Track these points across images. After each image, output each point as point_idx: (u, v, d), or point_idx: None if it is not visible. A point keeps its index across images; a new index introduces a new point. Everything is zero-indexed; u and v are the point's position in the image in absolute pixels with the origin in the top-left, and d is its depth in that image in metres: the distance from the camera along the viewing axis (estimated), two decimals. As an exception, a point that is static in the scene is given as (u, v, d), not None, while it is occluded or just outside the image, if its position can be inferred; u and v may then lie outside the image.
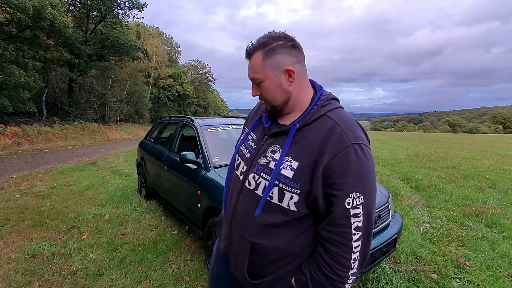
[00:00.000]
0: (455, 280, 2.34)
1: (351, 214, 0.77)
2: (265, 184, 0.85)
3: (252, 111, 1.14)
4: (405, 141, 16.71)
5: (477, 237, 3.12)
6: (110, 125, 19.88)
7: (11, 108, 10.86)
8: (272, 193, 0.83)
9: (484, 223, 3.55)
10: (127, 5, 16.99)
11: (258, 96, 0.91)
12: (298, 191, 0.80)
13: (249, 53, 0.86)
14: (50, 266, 2.43)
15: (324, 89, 0.91)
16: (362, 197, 0.77)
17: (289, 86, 0.85)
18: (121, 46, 16.70)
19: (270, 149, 0.88)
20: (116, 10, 17.12)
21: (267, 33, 0.86)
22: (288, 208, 0.83)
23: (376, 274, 2.35)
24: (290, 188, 0.81)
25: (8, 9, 10.81)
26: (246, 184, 0.91)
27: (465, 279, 2.35)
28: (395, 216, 2.39)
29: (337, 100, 0.90)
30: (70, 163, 7.62)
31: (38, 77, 12.80)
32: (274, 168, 0.83)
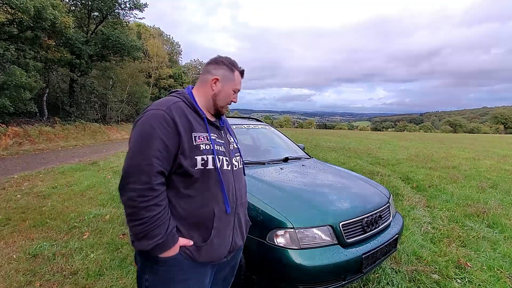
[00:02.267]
0: (456, 281, 2.33)
1: None
2: (239, 158, 1.30)
3: (177, 121, 1.06)
4: (406, 141, 16.70)
5: (478, 238, 3.12)
6: (111, 125, 19.92)
7: (12, 108, 10.88)
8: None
9: (485, 223, 3.54)
10: (128, 5, 17.02)
11: (231, 103, 1.28)
12: None
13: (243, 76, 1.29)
14: (51, 266, 2.44)
15: None
16: None
17: None
18: (122, 46, 16.72)
19: (228, 137, 1.28)
20: (117, 10, 17.15)
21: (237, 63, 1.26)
22: None
23: (377, 275, 2.35)
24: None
25: (9, 9, 10.84)
26: (235, 168, 1.23)
27: (466, 280, 2.35)
28: (396, 217, 2.39)
29: None
30: (71, 163, 7.63)
31: (39, 77, 12.81)
32: (237, 146, 1.31)
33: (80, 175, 6.00)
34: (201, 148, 1.09)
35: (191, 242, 1.07)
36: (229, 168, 1.18)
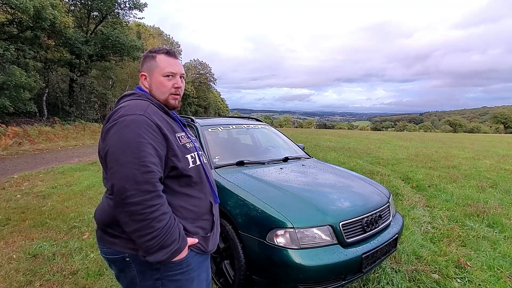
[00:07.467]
0: (456, 280, 2.33)
1: None
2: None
3: (159, 124, 1.02)
4: (405, 141, 16.68)
5: (478, 237, 3.12)
6: (110, 125, 19.88)
7: (12, 108, 10.88)
8: None
9: (485, 223, 3.54)
10: (127, 5, 17.02)
11: (179, 89, 1.16)
12: None
13: (175, 54, 1.17)
14: (51, 266, 2.44)
15: None
16: None
17: None
18: (122, 46, 16.70)
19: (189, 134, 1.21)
20: (116, 10, 17.15)
21: (163, 46, 1.21)
22: None
23: (377, 274, 2.35)
24: None
25: (9, 9, 10.84)
26: (204, 161, 1.20)
27: (466, 279, 2.35)
28: (395, 216, 2.39)
29: None
30: (71, 163, 7.63)
31: (38, 77, 12.81)
32: (196, 144, 1.22)
33: (80, 175, 6.00)
34: (188, 147, 1.13)
35: (196, 240, 1.08)
36: (205, 161, 1.22)
